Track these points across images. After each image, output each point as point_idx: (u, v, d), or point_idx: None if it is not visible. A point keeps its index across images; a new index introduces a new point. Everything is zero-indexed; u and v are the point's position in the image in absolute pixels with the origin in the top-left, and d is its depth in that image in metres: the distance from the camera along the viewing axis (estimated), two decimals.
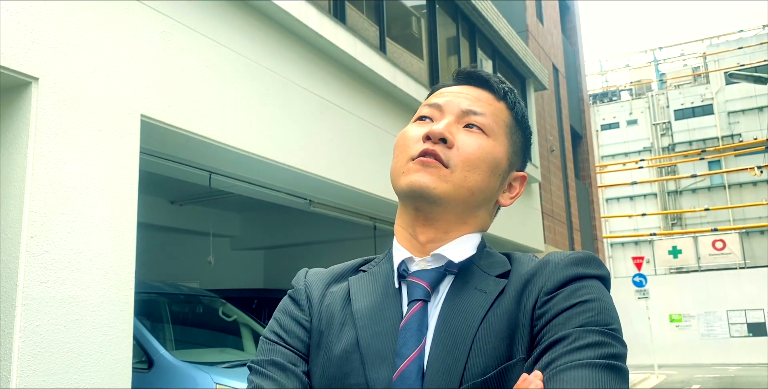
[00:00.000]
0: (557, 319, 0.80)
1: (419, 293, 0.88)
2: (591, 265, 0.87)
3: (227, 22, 4.69)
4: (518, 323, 0.83)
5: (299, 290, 0.99)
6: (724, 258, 26.57)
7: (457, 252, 0.91)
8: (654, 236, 29.69)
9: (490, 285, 0.88)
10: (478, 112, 0.94)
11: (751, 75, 13.89)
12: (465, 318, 0.84)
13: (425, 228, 0.92)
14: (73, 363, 3.20)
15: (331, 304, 0.94)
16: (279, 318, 0.98)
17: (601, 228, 19.06)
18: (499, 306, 0.85)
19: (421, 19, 8.62)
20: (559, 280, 0.84)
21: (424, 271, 0.90)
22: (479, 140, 0.92)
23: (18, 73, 3.15)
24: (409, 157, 0.91)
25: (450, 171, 0.89)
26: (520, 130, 1.00)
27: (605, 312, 0.81)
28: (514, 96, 1.00)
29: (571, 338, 0.77)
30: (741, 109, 33.35)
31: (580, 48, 18.70)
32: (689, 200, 33.78)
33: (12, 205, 3.15)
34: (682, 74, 38.23)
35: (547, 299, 0.83)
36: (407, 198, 0.92)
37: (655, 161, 34.58)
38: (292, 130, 5.25)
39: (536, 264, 0.89)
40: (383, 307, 0.89)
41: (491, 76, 0.99)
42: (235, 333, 6.31)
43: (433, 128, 0.90)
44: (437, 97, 0.97)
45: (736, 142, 32.61)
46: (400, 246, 0.94)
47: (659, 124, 35.78)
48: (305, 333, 0.93)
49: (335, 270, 1.02)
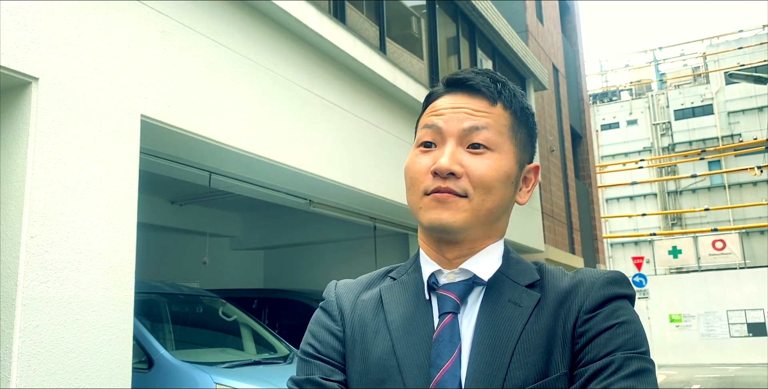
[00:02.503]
0: (598, 339, 0.85)
1: (449, 306, 0.91)
2: (623, 285, 0.92)
3: (227, 22, 4.69)
4: (557, 339, 0.87)
5: (330, 301, 1.02)
6: (724, 258, 26.56)
7: (484, 266, 0.94)
8: (654, 236, 29.69)
9: (522, 297, 0.91)
10: (479, 127, 0.93)
11: (751, 75, 13.88)
12: (503, 331, 0.88)
13: (450, 247, 0.95)
14: (73, 363, 3.20)
15: (363, 313, 0.97)
16: (313, 329, 1.01)
17: (601, 228, 19.06)
18: (536, 321, 0.88)
19: (421, 19, 8.62)
20: (598, 300, 0.89)
21: (452, 284, 0.94)
22: (487, 160, 0.92)
23: (18, 73, 3.15)
24: (422, 191, 0.93)
25: (468, 200, 0.91)
26: (523, 125, 0.99)
27: (640, 334, 0.87)
28: (509, 91, 0.98)
29: (616, 365, 0.82)
30: (741, 109, 33.36)
31: (580, 48, 18.70)
32: (689, 200, 33.79)
33: (12, 205, 3.15)
34: (682, 74, 38.23)
35: (587, 318, 0.87)
36: (430, 231, 0.95)
37: (655, 161, 34.59)
38: (292, 130, 5.25)
39: (571, 281, 0.92)
40: (416, 317, 0.93)
41: (480, 81, 0.97)
42: (235, 333, 6.31)
43: (440, 163, 0.90)
44: (435, 116, 0.96)
45: (736, 142, 32.61)
46: (429, 259, 0.97)
47: (659, 124, 35.79)
48: (339, 342, 0.96)
49: (363, 279, 1.05)
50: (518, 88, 1.02)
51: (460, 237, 0.93)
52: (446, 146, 0.93)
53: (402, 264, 1.04)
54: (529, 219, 11.55)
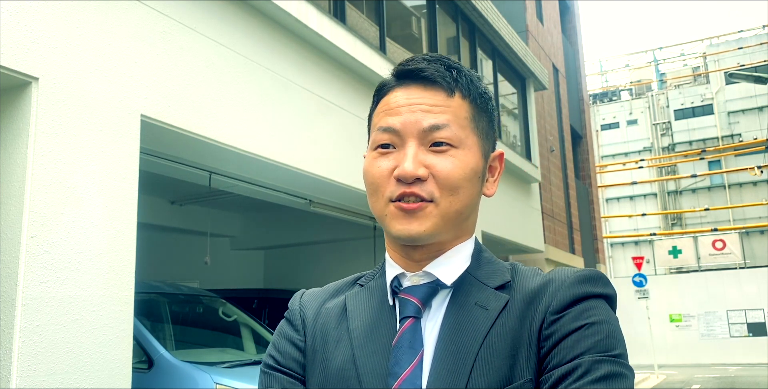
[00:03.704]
0: (565, 342, 0.79)
1: (410, 310, 0.87)
2: (598, 284, 0.85)
3: (227, 22, 4.69)
4: (522, 342, 0.81)
5: (294, 310, 0.99)
6: (724, 258, 26.56)
7: (449, 268, 0.89)
8: (654, 236, 29.69)
9: (490, 300, 0.86)
10: (440, 125, 0.86)
11: (751, 75, 13.89)
12: (466, 335, 0.83)
13: (417, 250, 0.90)
14: (73, 363, 3.20)
15: (326, 322, 0.94)
16: (275, 340, 0.98)
17: (601, 228, 19.06)
18: (502, 324, 0.83)
19: (421, 19, 8.62)
20: (566, 299, 0.83)
21: (415, 287, 0.89)
22: (451, 159, 0.86)
23: (18, 73, 3.15)
24: (387, 198, 0.87)
25: (435, 204, 0.85)
26: (483, 112, 0.93)
27: (613, 336, 0.80)
28: (465, 77, 0.91)
29: (583, 369, 0.76)
30: (741, 109, 33.37)
31: (580, 48, 18.70)
32: (689, 200, 33.79)
33: (12, 205, 3.15)
34: (682, 74, 38.24)
35: (554, 319, 0.82)
36: (399, 241, 0.90)
37: (655, 161, 34.59)
38: (291, 130, 5.25)
39: (541, 281, 0.87)
40: (378, 324, 0.89)
41: (434, 70, 0.89)
42: (235, 333, 6.31)
43: (405, 169, 0.84)
44: (390, 117, 0.89)
45: (736, 142, 32.62)
46: (393, 263, 0.93)
47: (659, 124, 35.79)
48: (300, 353, 0.93)
49: (330, 287, 1.01)
50: (474, 71, 0.95)
51: (429, 242, 0.88)
52: (407, 148, 0.86)
53: (370, 271, 1.00)
54: (529, 219, 11.55)
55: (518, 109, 11.99)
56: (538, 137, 12.47)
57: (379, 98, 0.94)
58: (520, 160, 10.86)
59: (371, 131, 0.93)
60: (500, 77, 11.06)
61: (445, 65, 0.91)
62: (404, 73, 0.91)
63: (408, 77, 0.91)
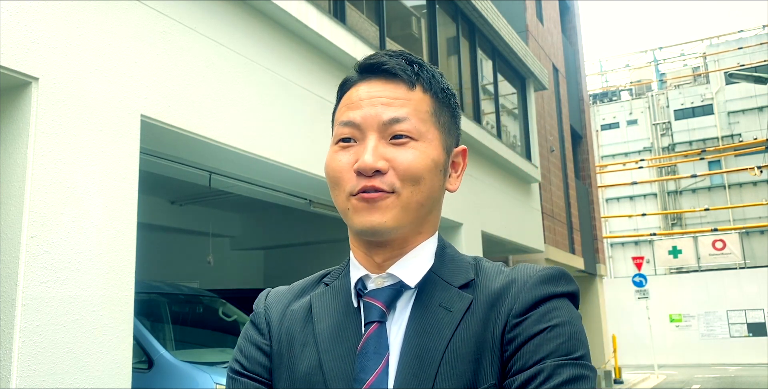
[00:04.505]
0: (527, 346, 0.79)
1: (375, 315, 0.86)
2: (560, 283, 0.85)
3: (227, 22, 4.70)
4: (486, 346, 0.81)
5: (259, 313, 0.98)
6: (724, 258, 26.56)
7: (413, 269, 0.88)
8: (654, 236, 29.70)
9: (454, 300, 0.85)
10: (400, 119, 0.86)
11: (751, 75, 13.89)
12: (431, 338, 0.82)
13: (380, 249, 0.89)
14: (73, 363, 3.20)
15: (291, 324, 0.93)
16: (240, 344, 0.97)
17: (601, 228, 19.06)
18: (465, 327, 0.82)
19: (421, 19, 8.62)
20: (529, 302, 0.82)
21: (379, 290, 0.88)
22: (411, 151, 0.86)
23: (18, 73, 3.15)
24: (347, 192, 0.87)
25: (396, 195, 0.85)
26: (445, 107, 0.93)
27: (575, 337, 0.80)
28: (427, 72, 0.91)
29: (545, 375, 0.77)
30: (741, 109, 33.37)
31: (580, 48, 18.70)
32: (689, 200, 33.79)
33: (12, 205, 3.15)
34: (682, 74, 38.24)
35: (516, 322, 0.81)
36: (361, 235, 0.89)
37: (655, 161, 34.59)
38: (292, 130, 5.25)
39: (504, 281, 0.86)
40: (344, 328, 0.88)
41: (396, 64, 0.90)
42: (235, 333, 6.31)
43: (364, 161, 0.84)
44: (351, 111, 0.89)
45: (736, 142, 32.62)
46: (357, 264, 0.92)
47: (659, 124, 35.79)
48: (266, 357, 0.93)
49: (296, 287, 1.00)
50: (436, 68, 0.95)
51: (391, 238, 0.87)
52: (367, 141, 0.86)
53: (337, 267, 0.99)
54: (529, 219, 11.55)
55: (518, 109, 11.99)
56: (538, 137, 12.47)
57: (343, 93, 0.94)
58: (520, 160, 10.86)
59: (334, 126, 0.93)
60: (500, 77, 11.06)
61: (406, 60, 0.91)
62: (366, 67, 0.92)
63: (370, 71, 0.91)
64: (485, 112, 10.27)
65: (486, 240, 9.62)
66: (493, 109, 10.72)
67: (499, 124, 10.71)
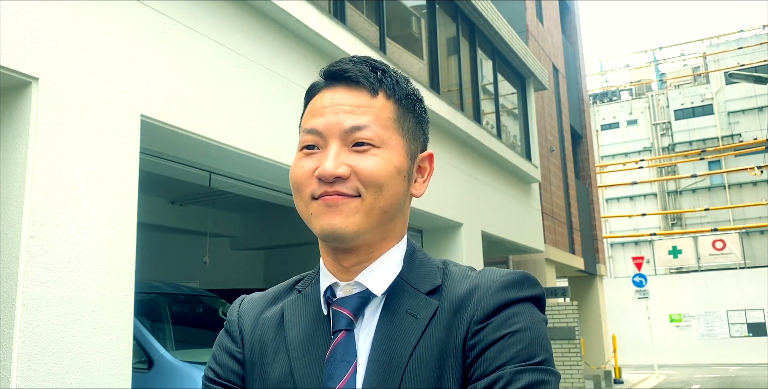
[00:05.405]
0: (488, 353, 0.80)
1: (342, 323, 0.87)
2: (523, 288, 0.85)
3: (227, 22, 4.70)
4: (449, 353, 0.82)
5: (232, 321, 0.99)
6: (724, 258, 26.57)
7: (380, 276, 0.89)
8: (654, 236, 29.70)
9: (420, 307, 0.86)
10: (361, 126, 0.87)
11: (751, 75, 13.89)
12: (397, 345, 0.83)
13: (347, 255, 0.90)
14: (73, 363, 3.20)
15: (264, 332, 0.94)
16: (214, 352, 0.98)
17: (601, 228, 19.07)
18: (430, 334, 0.83)
19: (421, 19, 8.62)
20: (490, 308, 0.82)
21: (347, 298, 0.89)
22: (374, 157, 0.86)
23: (18, 73, 3.15)
24: (309, 196, 0.87)
25: (360, 199, 0.85)
26: (410, 113, 0.93)
27: (536, 343, 0.80)
28: (390, 78, 0.92)
29: (504, 381, 0.77)
30: (741, 109, 33.37)
31: (580, 48, 18.71)
32: (689, 200, 33.79)
33: (12, 205, 3.15)
34: (682, 74, 38.24)
35: (478, 329, 0.81)
36: (324, 240, 0.90)
37: (655, 161, 34.60)
38: (292, 130, 5.25)
39: (468, 287, 0.86)
40: (314, 335, 0.89)
41: (358, 71, 0.91)
42: None
43: (324, 168, 0.85)
44: (314, 117, 0.90)
45: (736, 142, 32.63)
46: (326, 271, 0.93)
47: (659, 124, 35.79)
48: (239, 365, 0.94)
49: (270, 293, 1.01)
50: (402, 73, 0.95)
51: (355, 244, 0.88)
52: (329, 149, 0.87)
53: (310, 272, 1.00)
54: (529, 219, 11.55)
55: (518, 109, 11.99)
56: (538, 137, 12.48)
57: (308, 100, 0.95)
58: (520, 160, 10.86)
59: (300, 133, 0.94)
60: (500, 77, 11.06)
61: (370, 66, 0.92)
62: (330, 74, 0.93)
63: (334, 78, 0.93)
64: (485, 112, 10.28)
65: (486, 240, 9.62)
66: (493, 109, 10.72)
67: (499, 124, 10.71)
